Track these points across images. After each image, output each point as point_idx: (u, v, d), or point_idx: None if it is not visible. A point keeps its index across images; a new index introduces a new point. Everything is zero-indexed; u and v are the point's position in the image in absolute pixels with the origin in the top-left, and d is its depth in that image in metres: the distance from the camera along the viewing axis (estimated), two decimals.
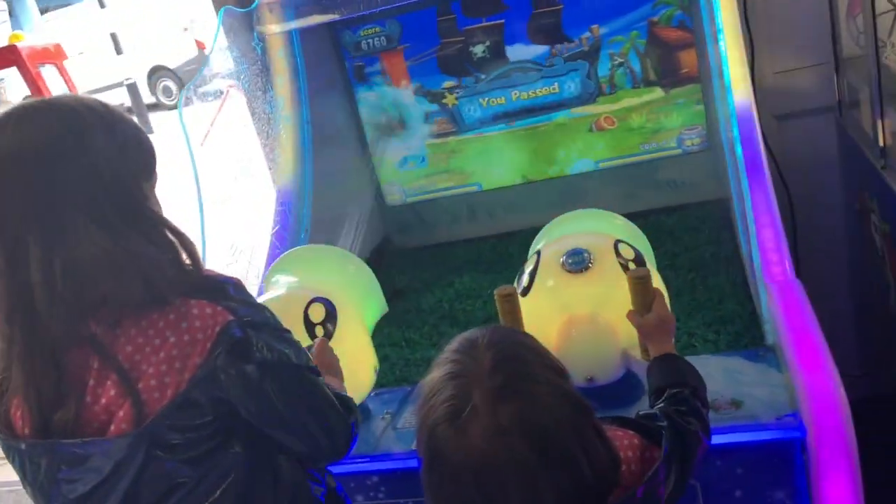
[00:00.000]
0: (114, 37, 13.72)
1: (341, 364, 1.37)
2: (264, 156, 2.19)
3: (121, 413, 1.01)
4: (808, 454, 1.22)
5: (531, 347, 0.97)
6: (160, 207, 1.11)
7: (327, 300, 1.51)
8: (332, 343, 1.38)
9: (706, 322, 1.77)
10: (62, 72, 5.46)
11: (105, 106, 1.07)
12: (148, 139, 1.10)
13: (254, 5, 2.13)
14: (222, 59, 1.95)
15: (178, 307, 1.02)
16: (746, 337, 1.64)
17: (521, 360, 0.94)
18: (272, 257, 2.00)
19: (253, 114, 2.06)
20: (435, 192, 2.63)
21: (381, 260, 2.53)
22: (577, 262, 1.46)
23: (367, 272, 1.78)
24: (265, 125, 2.09)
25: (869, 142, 1.90)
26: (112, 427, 1.02)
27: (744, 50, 1.83)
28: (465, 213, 2.63)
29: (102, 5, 15.08)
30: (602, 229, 1.59)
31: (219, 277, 1.09)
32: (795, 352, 1.30)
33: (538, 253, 1.56)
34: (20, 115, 1.02)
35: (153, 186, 1.11)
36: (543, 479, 0.87)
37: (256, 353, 1.04)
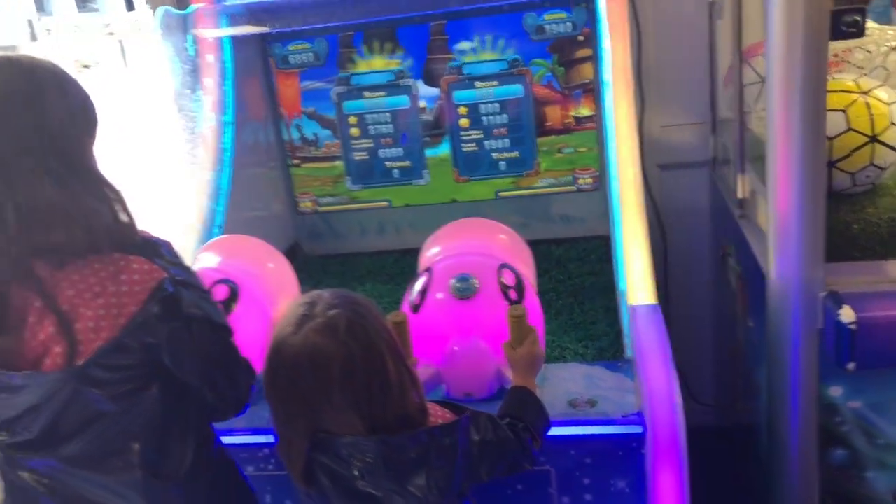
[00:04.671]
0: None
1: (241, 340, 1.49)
2: (186, 151, 2.29)
3: (57, 349, 1.12)
4: (646, 448, 1.43)
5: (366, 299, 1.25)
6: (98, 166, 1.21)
7: (233, 282, 1.65)
8: (232, 321, 1.48)
9: (578, 339, 1.98)
10: None
11: (58, 68, 1.16)
12: (93, 103, 1.21)
13: (189, 9, 2.26)
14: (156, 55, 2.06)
15: (118, 261, 1.14)
16: (610, 352, 1.86)
17: (354, 297, 1.24)
18: (184, 249, 2.09)
19: (180, 110, 2.17)
20: (346, 204, 2.78)
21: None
22: (465, 289, 1.64)
23: (288, 268, 1.92)
24: (190, 122, 2.20)
25: (732, 195, 2.17)
26: (47, 360, 1.12)
27: (633, 102, 2.07)
28: (374, 226, 2.78)
29: None
30: (488, 245, 1.77)
31: (153, 238, 1.21)
32: (643, 361, 1.50)
33: (430, 271, 1.73)
34: None
35: (93, 146, 1.21)
36: (357, 370, 1.15)
37: (185, 310, 1.17)
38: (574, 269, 2.40)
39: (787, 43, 1.47)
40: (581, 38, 2.46)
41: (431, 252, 1.82)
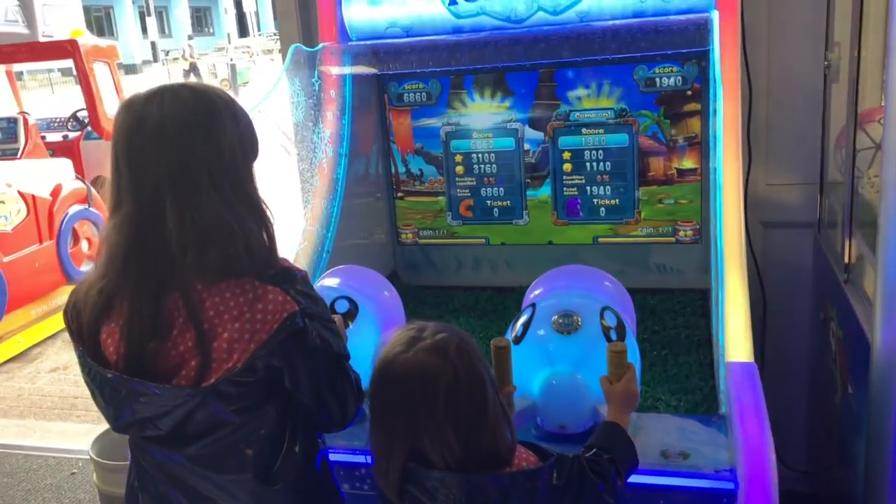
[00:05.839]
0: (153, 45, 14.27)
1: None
2: (301, 180, 2.43)
3: (192, 363, 1.22)
4: None
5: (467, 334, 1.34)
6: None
7: (352, 300, 1.76)
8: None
9: (671, 391, 1.98)
10: (112, 71, 5.77)
11: (230, 98, 1.28)
12: (255, 129, 1.31)
13: (318, 47, 2.41)
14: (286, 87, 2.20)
15: (257, 288, 1.23)
16: (703, 406, 1.86)
17: (458, 328, 1.33)
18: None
19: (301, 140, 2.30)
20: (445, 238, 2.86)
21: None
22: (567, 324, 1.69)
23: (398, 300, 2.03)
24: (309, 152, 2.33)
25: (838, 259, 2.14)
26: (183, 372, 1.23)
27: (740, 159, 2.08)
28: (471, 262, 2.85)
29: None
30: (593, 289, 1.81)
31: (292, 268, 1.30)
32: (739, 418, 1.50)
33: (534, 306, 1.78)
34: (167, 93, 1.23)
35: (253, 171, 1.31)
36: (462, 391, 1.24)
37: (310, 341, 1.26)
38: (669, 321, 2.40)
39: None
40: (690, 92, 2.49)
41: (536, 292, 1.88)
